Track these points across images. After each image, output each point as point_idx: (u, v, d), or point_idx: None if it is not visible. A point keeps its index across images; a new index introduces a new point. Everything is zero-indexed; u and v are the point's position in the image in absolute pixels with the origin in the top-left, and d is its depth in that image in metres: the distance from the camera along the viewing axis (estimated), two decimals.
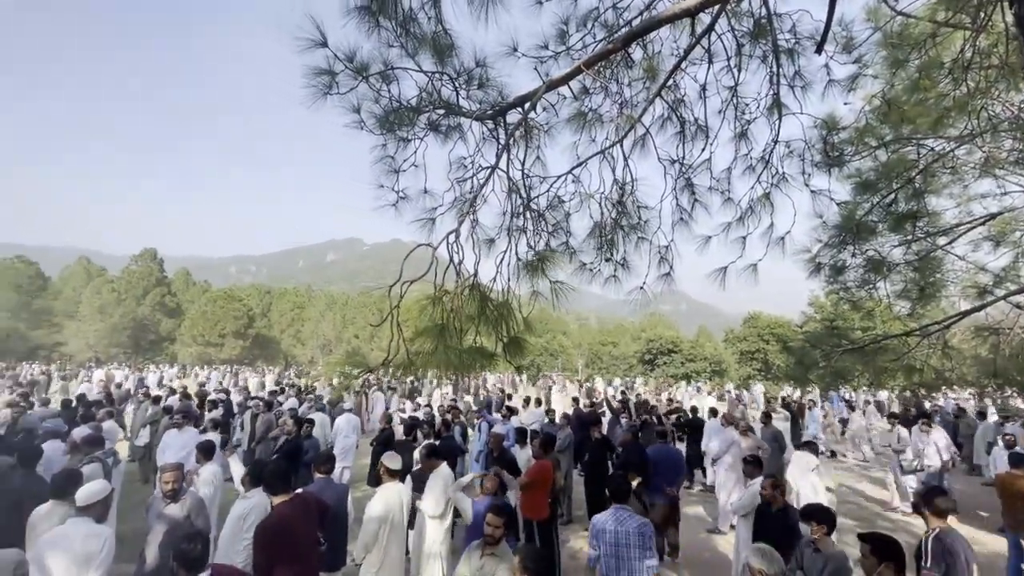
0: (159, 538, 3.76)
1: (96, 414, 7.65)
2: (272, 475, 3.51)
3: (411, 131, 4.08)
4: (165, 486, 3.89)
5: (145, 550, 3.81)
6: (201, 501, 4.09)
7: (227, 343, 51.82)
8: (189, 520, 3.83)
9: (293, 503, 3.46)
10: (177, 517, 3.83)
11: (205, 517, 4.00)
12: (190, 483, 4.70)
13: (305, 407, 9.80)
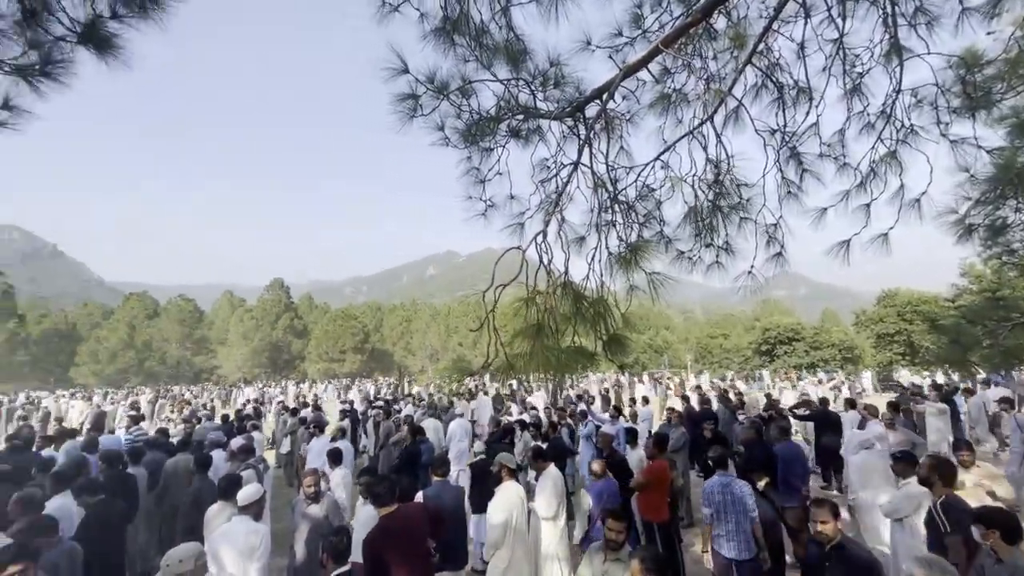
0: (304, 535, 4.20)
1: (247, 426, 8.78)
2: (379, 488, 3.70)
3: (493, 140, 4.17)
4: (307, 489, 4.34)
5: (294, 545, 4.28)
6: (335, 502, 4.52)
7: (348, 358, 56.79)
8: (328, 519, 4.24)
9: (395, 516, 3.58)
10: (318, 516, 4.26)
11: (340, 516, 4.40)
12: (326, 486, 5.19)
13: (419, 413, 10.39)
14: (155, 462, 6.00)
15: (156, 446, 6.70)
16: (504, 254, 2.49)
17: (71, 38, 3.09)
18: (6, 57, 3.02)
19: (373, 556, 3.31)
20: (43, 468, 5.41)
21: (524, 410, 11.00)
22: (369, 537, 3.40)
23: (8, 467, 5.27)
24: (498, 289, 2.25)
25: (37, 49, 3.04)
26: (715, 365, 46.63)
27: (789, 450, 5.60)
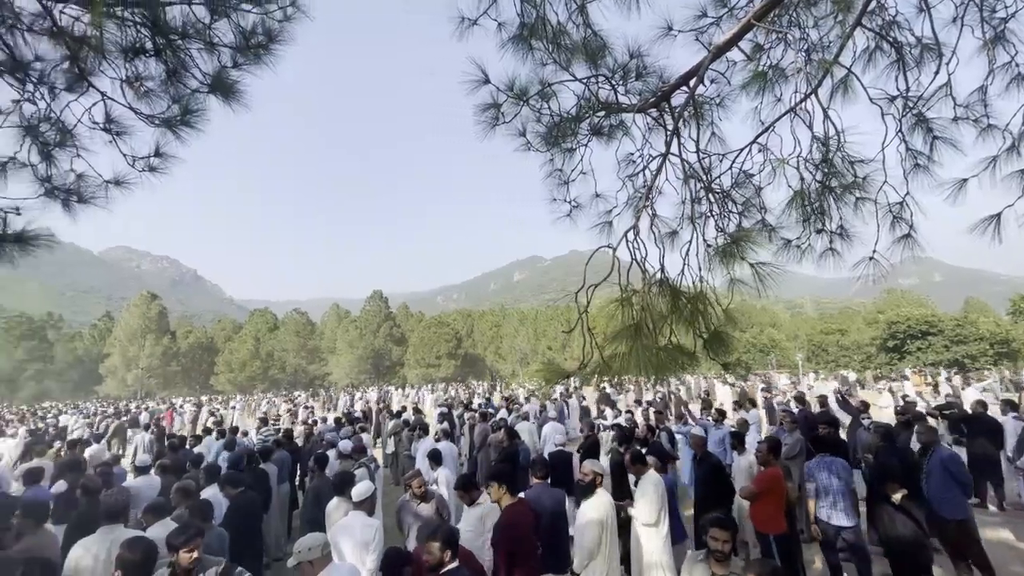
0: (414, 531, 4.44)
1: (356, 428, 9.49)
2: (501, 478, 3.86)
3: (574, 140, 4.14)
4: (418, 489, 4.59)
5: (406, 543, 4.53)
6: (443, 499, 4.76)
7: (443, 363, 59.28)
8: (440, 515, 4.46)
9: (521, 506, 3.73)
10: (430, 514, 4.50)
11: (448, 512, 4.61)
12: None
13: (513, 417, 10.55)
14: (282, 460, 6.68)
15: (283, 445, 7.46)
16: (594, 253, 2.45)
17: (203, 89, 3.55)
18: (155, 112, 3.54)
19: (515, 537, 3.42)
20: (195, 463, 6.26)
21: (619, 414, 10.72)
22: (509, 521, 3.51)
23: (168, 462, 6.16)
24: (590, 289, 2.22)
25: (178, 102, 3.54)
26: (831, 364, 42.18)
27: (951, 456, 4.87)
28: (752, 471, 5.29)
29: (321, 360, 64.21)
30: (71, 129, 3.36)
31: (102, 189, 3.44)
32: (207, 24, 3.35)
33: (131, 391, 53.53)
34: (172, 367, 57.43)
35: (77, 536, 3.73)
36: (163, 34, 3.21)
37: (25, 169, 3.19)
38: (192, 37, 3.34)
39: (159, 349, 56.28)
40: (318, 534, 2.89)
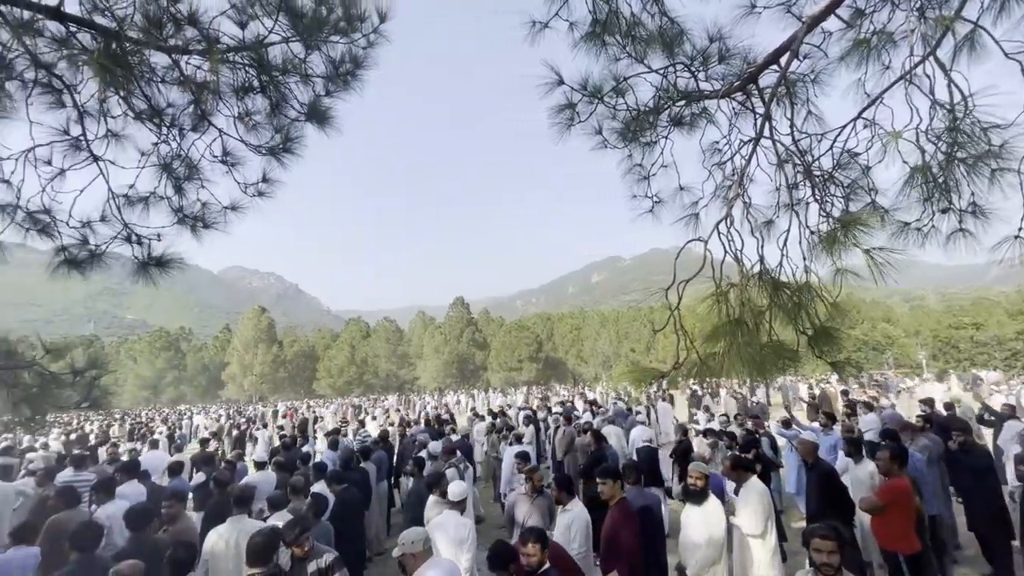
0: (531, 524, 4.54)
1: (445, 430, 9.83)
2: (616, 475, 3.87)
3: (653, 133, 4.00)
4: (537, 483, 4.74)
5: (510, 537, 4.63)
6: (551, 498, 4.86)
7: (524, 367, 59.77)
8: (551, 512, 4.56)
9: (626, 504, 3.68)
10: (543, 510, 4.60)
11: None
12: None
13: (599, 420, 10.36)
14: (380, 459, 7.09)
15: (380, 445, 7.91)
16: (683, 248, 2.34)
17: (301, 118, 3.88)
18: (262, 142, 3.92)
19: (631, 531, 3.40)
20: (304, 460, 6.81)
21: (712, 417, 10.16)
22: (621, 516, 3.48)
23: (282, 459, 6.77)
24: (680, 286, 2.11)
25: (280, 132, 3.90)
26: (964, 363, 36.95)
27: None
28: (873, 481, 4.76)
29: (410, 365, 67.41)
30: (196, 164, 3.81)
31: (222, 214, 3.88)
32: (302, 59, 3.65)
33: (247, 395, 59.68)
34: (280, 373, 63.16)
35: (212, 523, 4.23)
36: (267, 72, 3.55)
37: (162, 201, 3.68)
38: (290, 72, 3.67)
39: (269, 357, 62.19)
40: (419, 528, 3.03)
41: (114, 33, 2.99)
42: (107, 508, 4.74)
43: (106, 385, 3.49)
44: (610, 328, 63.55)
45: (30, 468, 7.72)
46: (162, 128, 3.64)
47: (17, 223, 3.16)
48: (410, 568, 2.85)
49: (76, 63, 3.23)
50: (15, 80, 3.13)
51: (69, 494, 4.73)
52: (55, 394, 3.25)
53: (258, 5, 3.40)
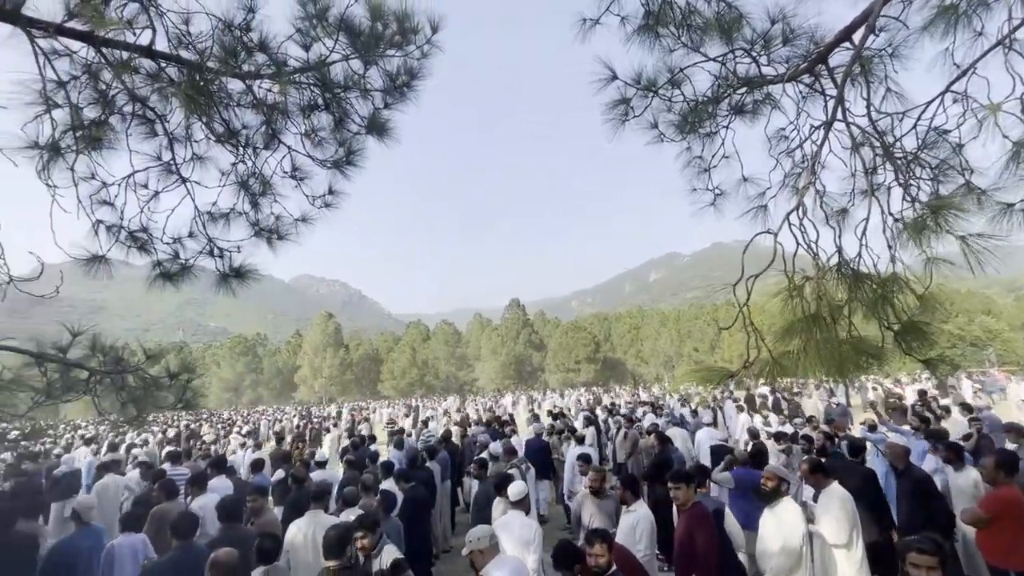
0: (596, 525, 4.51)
1: (506, 431, 9.91)
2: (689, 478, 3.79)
3: (713, 123, 3.86)
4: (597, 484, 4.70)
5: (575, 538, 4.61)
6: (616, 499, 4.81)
7: (583, 367, 59.19)
8: (617, 513, 4.52)
9: (698, 511, 3.57)
10: (609, 511, 4.57)
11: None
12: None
13: (663, 422, 10.07)
14: (444, 459, 7.26)
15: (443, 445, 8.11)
16: (752, 240, 2.23)
17: (362, 131, 4.06)
18: (327, 157, 4.13)
19: (708, 536, 3.36)
20: (373, 459, 7.10)
21: (787, 419, 9.59)
22: (697, 520, 3.45)
23: (353, 457, 7.09)
24: (749, 281, 2.01)
25: (343, 146, 4.09)
26: None
27: None
28: (977, 491, 4.32)
29: (469, 367, 68.59)
30: (269, 180, 4.08)
31: (293, 226, 4.13)
32: (361, 75, 3.81)
33: (318, 396, 63.04)
34: (347, 376, 66.21)
35: (291, 517, 4.51)
36: (330, 89, 3.75)
37: (241, 216, 3.97)
38: (351, 88, 3.85)
39: (336, 360, 65.38)
40: (486, 526, 3.09)
41: (197, 65, 3.26)
42: (200, 500, 5.17)
43: (197, 387, 3.80)
44: (671, 327, 61.66)
45: (135, 463, 8.54)
46: (238, 149, 3.91)
47: (120, 241, 3.51)
48: (479, 564, 2.91)
49: (165, 95, 3.54)
50: (117, 114, 3.48)
51: (169, 487, 5.20)
52: (155, 395, 3.58)
53: (320, 27, 3.60)
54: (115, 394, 3.46)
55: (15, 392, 3.29)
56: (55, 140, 3.11)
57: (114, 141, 3.41)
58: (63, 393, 3.37)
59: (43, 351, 3.26)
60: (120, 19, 2.99)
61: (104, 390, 3.44)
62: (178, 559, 3.48)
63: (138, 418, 3.44)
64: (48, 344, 3.28)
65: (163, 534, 4.45)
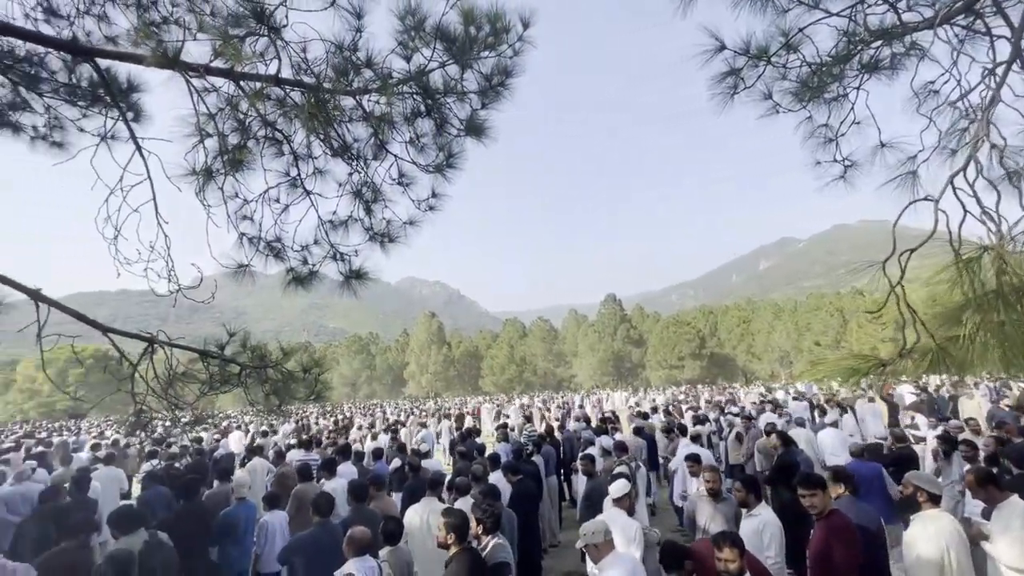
0: (713, 528, 4.29)
1: (607, 428, 9.72)
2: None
3: (840, 86, 3.44)
4: (712, 485, 4.48)
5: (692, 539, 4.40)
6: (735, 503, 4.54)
7: (687, 364, 56.30)
8: (736, 518, 4.28)
9: (837, 520, 3.24)
10: (727, 513, 4.35)
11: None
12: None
13: (783, 422, 9.23)
14: (548, 453, 7.31)
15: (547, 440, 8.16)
16: (905, 209, 1.92)
17: (461, 133, 4.19)
18: (429, 162, 4.32)
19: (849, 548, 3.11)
20: (480, 451, 7.34)
21: (937, 422, 8.28)
22: (835, 531, 3.20)
23: (464, 449, 7.39)
24: (903, 257, 1.72)
25: (443, 150, 4.25)
26: None
27: None
28: None
29: (566, 364, 68.45)
30: (379, 187, 4.37)
31: (402, 229, 4.38)
32: (459, 79, 3.93)
33: (425, 391, 66.85)
34: (450, 372, 69.41)
35: (407, 502, 4.81)
36: (431, 96, 3.92)
37: (357, 223, 4.29)
38: (450, 93, 3.99)
39: (440, 357, 68.82)
40: (600, 520, 3.05)
41: (315, 87, 3.57)
42: (331, 483, 5.69)
43: (325, 381, 4.17)
44: (786, 320, 56.37)
45: (274, 449, 9.64)
46: (352, 161, 4.23)
47: (260, 251, 3.97)
48: (594, 558, 2.87)
49: (289, 117, 3.92)
50: (252, 138, 3.93)
51: (306, 471, 5.80)
52: (291, 388, 3.99)
53: (418, 38, 3.76)
54: (260, 386, 3.92)
55: (187, 383, 3.87)
56: (208, 165, 3.60)
57: (251, 162, 3.86)
58: (221, 385, 3.88)
59: (206, 349, 3.79)
60: (253, 53, 3.36)
61: (252, 383, 3.91)
62: (318, 534, 3.86)
63: (279, 407, 3.86)
64: (209, 343, 3.81)
65: (303, 511, 4.98)
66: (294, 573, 3.77)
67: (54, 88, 4.15)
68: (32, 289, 3.32)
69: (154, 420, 3.96)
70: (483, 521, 3.23)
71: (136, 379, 3.56)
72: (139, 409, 3.71)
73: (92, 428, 26.71)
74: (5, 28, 3.33)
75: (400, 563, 3.46)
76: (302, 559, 3.71)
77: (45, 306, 3.40)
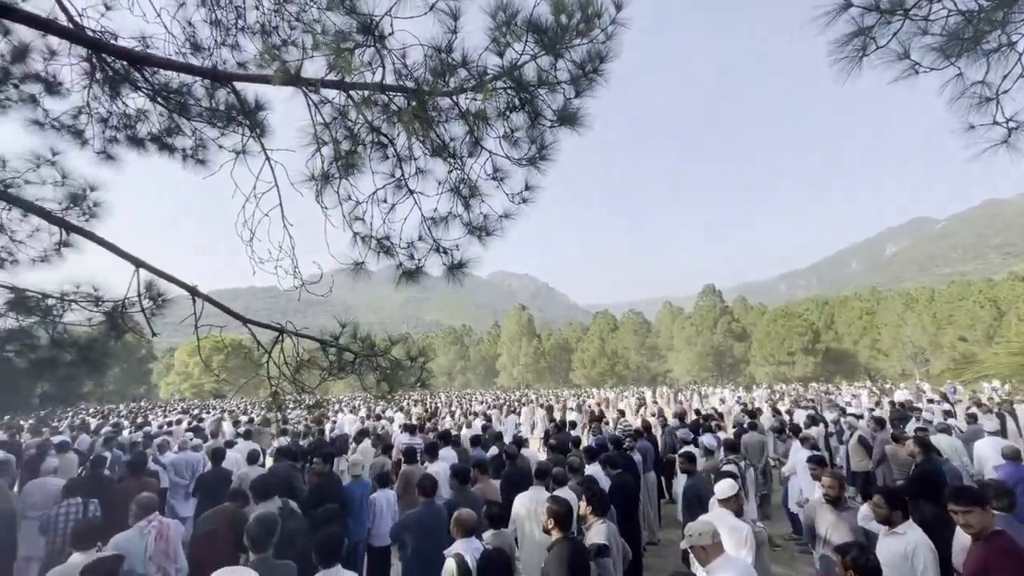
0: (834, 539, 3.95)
1: (711, 426, 9.23)
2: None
3: (1002, 34, 2.92)
4: (833, 491, 4.12)
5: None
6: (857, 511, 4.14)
7: (798, 360, 51.61)
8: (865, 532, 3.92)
9: (1002, 543, 2.79)
10: (852, 524, 3.99)
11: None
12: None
13: (915, 426, 8.12)
14: (645, 449, 7.12)
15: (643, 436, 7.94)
16: None
17: (555, 124, 4.17)
18: (522, 155, 4.35)
19: None
20: (575, 444, 7.34)
21: None
22: (1002, 555, 2.80)
23: (555, 441, 7.43)
24: None
25: (535, 142, 4.26)
26: None
27: None
28: None
29: (660, 357, 65.96)
30: (475, 183, 4.49)
31: (498, 222, 4.48)
32: (551, 70, 3.91)
33: (516, 382, 68.11)
34: (541, 364, 69.99)
35: (506, 488, 4.94)
36: (525, 90, 3.95)
37: (456, 218, 4.47)
38: (543, 84, 3.98)
39: (531, 349, 69.65)
40: (707, 520, 2.90)
41: (415, 91, 3.75)
42: (434, 466, 6.02)
43: (430, 369, 4.41)
44: (920, 311, 49.30)
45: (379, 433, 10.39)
46: (449, 159, 4.40)
47: (372, 249, 4.27)
48: (701, 560, 2.74)
49: (392, 121, 4.16)
50: (361, 144, 4.23)
51: (411, 454, 6.19)
52: (400, 376, 4.27)
53: (510, 34, 3.79)
54: (372, 373, 4.24)
55: (310, 369, 4.29)
56: (325, 171, 3.94)
57: (361, 166, 4.17)
58: (338, 371, 4.26)
59: (325, 339, 4.17)
60: (361, 63, 3.61)
61: (365, 370, 4.24)
62: (424, 513, 4.10)
63: (390, 393, 4.15)
64: (325, 334, 4.19)
65: (410, 491, 5.32)
66: (404, 548, 4.04)
67: (199, 112, 4.79)
68: (191, 286, 3.88)
69: (286, 401, 4.43)
70: (592, 503, 3.22)
71: (268, 365, 4.03)
72: (273, 391, 4.18)
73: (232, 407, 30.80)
74: (167, 63, 3.89)
75: (503, 546, 3.57)
76: (411, 536, 3.97)
77: (200, 300, 3.96)
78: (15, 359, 3.98)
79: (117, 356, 5.51)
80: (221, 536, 3.98)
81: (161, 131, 4.88)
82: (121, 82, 4.52)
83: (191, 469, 7.08)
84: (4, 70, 4.46)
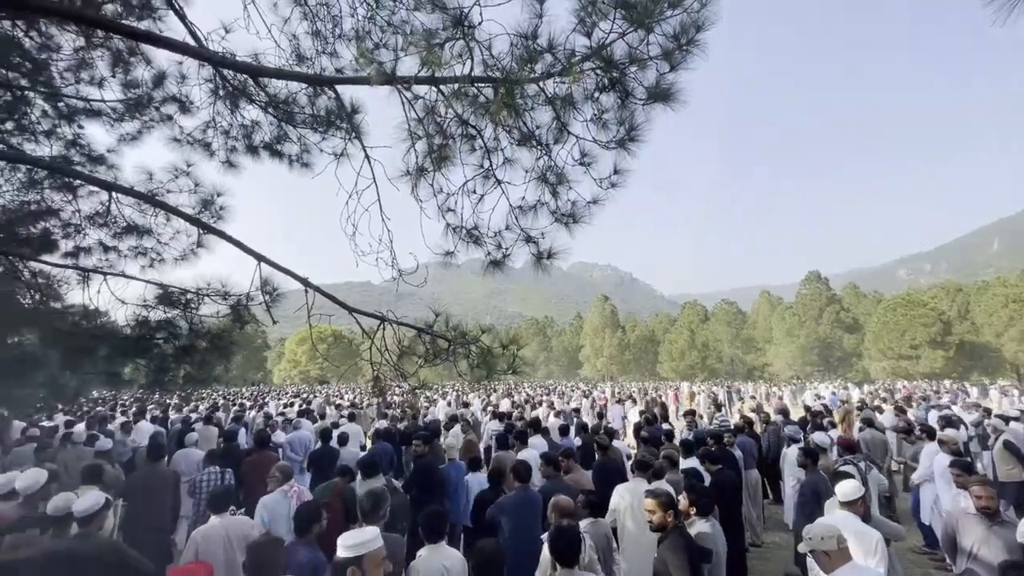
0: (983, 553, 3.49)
1: (822, 423, 8.48)
2: None
3: None
4: (979, 501, 3.64)
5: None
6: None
7: (923, 354, 45.68)
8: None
9: None
10: (1009, 539, 3.49)
11: None
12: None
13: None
14: (744, 445, 6.69)
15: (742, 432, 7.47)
16: None
17: (647, 102, 3.98)
18: (610, 138, 4.20)
19: None
20: (668, 437, 7.07)
21: None
22: None
23: (647, 434, 7.21)
24: None
25: (623, 124, 4.10)
26: None
27: None
28: None
29: (758, 350, 61.65)
30: (562, 170, 4.43)
31: (586, 208, 4.39)
32: (641, 46, 3.73)
33: (600, 374, 67.16)
34: (626, 356, 68.37)
35: (602, 480, 4.86)
36: (615, 68, 3.81)
37: (543, 207, 4.44)
38: (633, 62, 3.81)
39: (615, 341, 68.26)
40: (832, 524, 2.65)
41: (503, 80, 3.76)
42: (524, 453, 6.10)
43: (522, 356, 4.44)
44: None
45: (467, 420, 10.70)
46: (536, 147, 4.37)
47: (462, 239, 4.38)
48: (824, 567, 2.50)
49: (480, 113, 4.21)
50: (451, 137, 4.34)
51: (502, 440, 6.32)
52: (491, 363, 4.35)
53: (596, 12, 3.67)
54: (465, 360, 4.36)
55: (409, 356, 4.51)
56: (420, 165, 4.09)
57: (452, 158, 4.27)
58: (434, 358, 4.43)
59: (420, 327, 4.36)
60: (451, 56, 3.68)
61: (458, 357, 4.38)
62: (518, 498, 4.17)
63: (487, 378, 4.25)
64: (422, 323, 4.38)
65: (502, 476, 5.44)
66: (500, 531, 4.13)
67: (303, 120, 5.19)
68: (303, 277, 4.23)
69: (388, 386, 4.71)
70: (696, 503, 3.09)
71: (372, 352, 4.29)
72: (376, 376, 4.45)
73: (335, 392, 33.56)
74: (277, 73, 4.24)
75: (599, 535, 3.53)
76: (508, 519, 4.05)
77: (311, 292, 4.31)
78: (163, 345, 4.60)
79: (240, 344, 6.23)
80: (335, 508, 4.34)
81: (272, 139, 5.36)
82: (239, 96, 5.02)
83: (303, 446, 7.80)
84: (148, 96, 5.15)
